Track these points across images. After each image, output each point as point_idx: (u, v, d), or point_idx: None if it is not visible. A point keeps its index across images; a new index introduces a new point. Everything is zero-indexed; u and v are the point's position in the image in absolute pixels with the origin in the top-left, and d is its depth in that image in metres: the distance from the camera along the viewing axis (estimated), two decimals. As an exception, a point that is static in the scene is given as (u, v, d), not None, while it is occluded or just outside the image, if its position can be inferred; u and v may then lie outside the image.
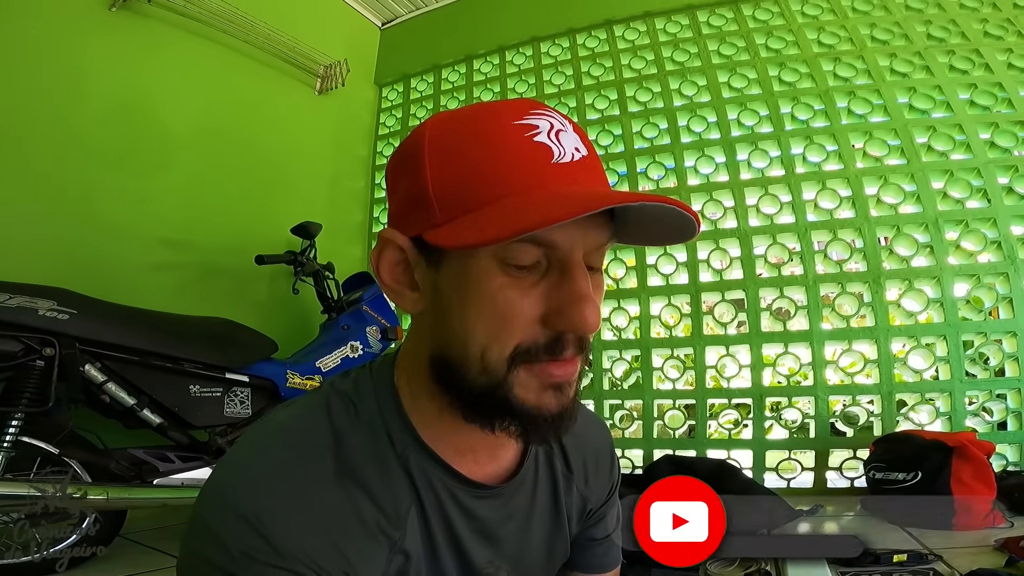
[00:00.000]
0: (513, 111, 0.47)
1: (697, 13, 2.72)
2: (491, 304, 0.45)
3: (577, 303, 0.44)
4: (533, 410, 0.46)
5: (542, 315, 0.45)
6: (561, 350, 0.46)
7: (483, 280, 0.45)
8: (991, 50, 2.26)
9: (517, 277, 0.45)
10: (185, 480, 1.53)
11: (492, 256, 0.44)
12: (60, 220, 1.89)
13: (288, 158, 2.76)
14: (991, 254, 2.03)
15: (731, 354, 2.25)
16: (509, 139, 0.45)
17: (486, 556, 0.56)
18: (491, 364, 0.45)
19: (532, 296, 0.45)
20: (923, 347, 2.02)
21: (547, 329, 0.45)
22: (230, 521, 0.42)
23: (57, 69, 1.93)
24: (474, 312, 0.45)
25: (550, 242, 0.44)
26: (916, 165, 2.16)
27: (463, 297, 0.46)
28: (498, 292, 0.45)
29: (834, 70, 2.42)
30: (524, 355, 0.45)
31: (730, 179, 2.41)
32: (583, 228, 0.46)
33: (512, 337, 0.45)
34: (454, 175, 0.45)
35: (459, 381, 0.47)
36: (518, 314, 0.45)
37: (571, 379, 0.48)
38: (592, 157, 0.48)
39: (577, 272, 0.45)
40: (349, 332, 2.08)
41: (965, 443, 1.61)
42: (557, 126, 0.47)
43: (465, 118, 0.48)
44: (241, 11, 2.46)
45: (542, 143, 0.45)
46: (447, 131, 0.47)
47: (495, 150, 0.45)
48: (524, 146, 0.45)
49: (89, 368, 1.40)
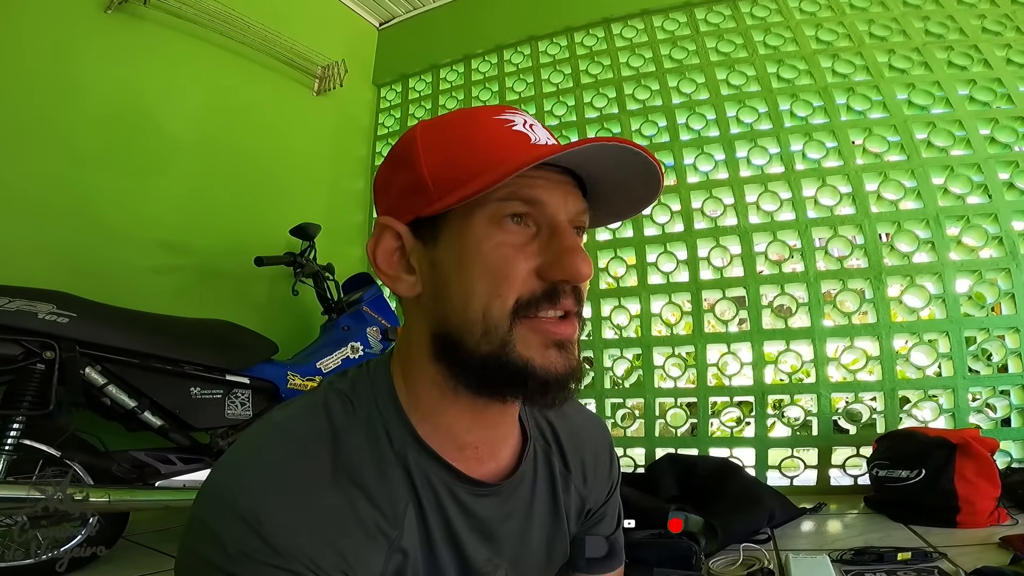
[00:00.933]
0: (491, 110, 0.53)
1: (695, 10, 2.72)
2: (489, 261, 0.48)
3: (569, 253, 0.49)
4: (540, 370, 0.49)
5: (537, 268, 0.49)
6: (558, 299, 0.49)
7: (481, 240, 0.49)
8: (989, 46, 2.26)
9: (512, 234, 0.49)
10: (187, 482, 1.53)
11: (486, 218, 0.49)
12: (58, 224, 1.88)
13: (286, 159, 2.76)
14: (993, 250, 2.02)
15: (733, 352, 2.24)
16: (490, 128, 0.52)
17: (484, 554, 0.56)
18: (493, 322, 0.48)
19: (527, 252, 0.49)
20: (925, 343, 2.02)
21: (543, 281, 0.49)
22: (228, 521, 0.43)
23: (53, 72, 1.92)
24: (474, 272, 0.49)
25: (536, 201, 0.49)
26: (916, 161, 2.16)
27: (463, 260, 0.49)
28: (495, 250, 0.48)
29: (832, 66, 2.41)
30: (524, 308, 0.48)
31: (730, 176, 2.41)
32: (563, 195, 0.51)
33: (511, 291, 0.48)
34: (446, 160, 0.50)
35: (463, 351, 0.50)
36: (515, 268, 0.48)
37: (572, 338, 0.51)
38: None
39: (566, 230, 0.50)
40: (349, 333, 2.08)
41: (969, 440, 1.60)
42: (530, 121, 0.54)
43: (449, 118, 0.54)
44: (238, 12, 2.45)
45: (520, 131, 0.52)
46: (435, 128, 0.53)
47: (479, 136, 0.51)
48: (504, 132, 0.51)
49: (89, 371, 1.40)
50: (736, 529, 1.54)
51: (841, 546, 1.41)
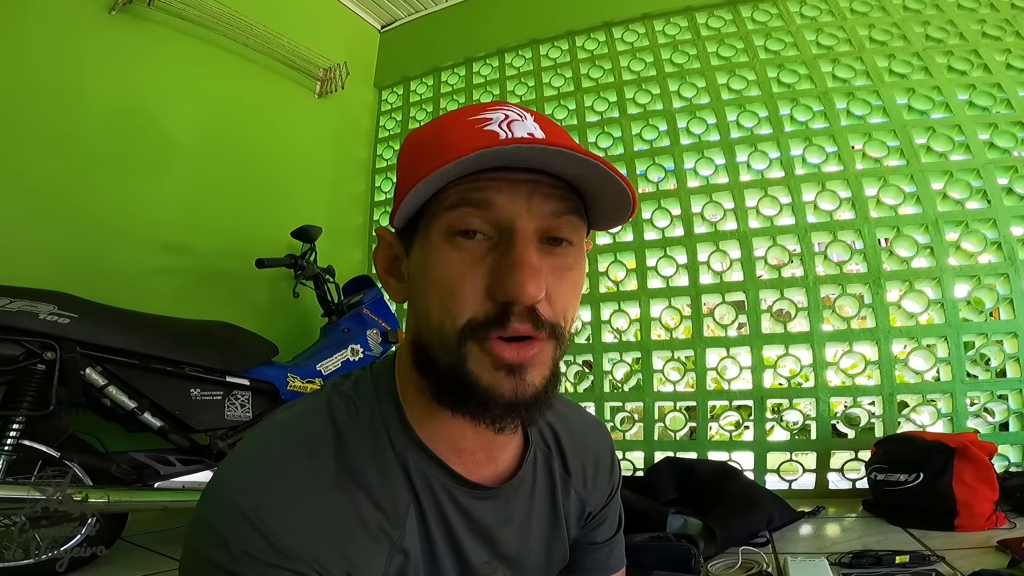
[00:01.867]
0: (473, 109, 0.50)
1: (696, 15, 2.73)
2: (441, 277, 0.47)
3: (512, 270, 0.44)
4: (485, 389, 0.46)
5: (486, 287, 0.45)
6: (507, 321, 0.45)
7: (434, 255, 0.47)
8: (989, 51, 2.27)
9: (465, 250, 0.46)
10: (186, 483, 1.53)
11: (441, 231, 0.47)
12: (60, 224, 1.89)
13: (288, 161, 2.76)
14: (991, 255, 2.02)
15: (732, 356, 2.25)
16: (458, 130, 0.47)
17: (484, 557, 0.56)
18: (446, 338, 0.47)
19: (478, 268, 0.46)
20: (924, 348, 2.02)
21: (492, 302, 0.45)
22: (232, 521, 0.43)
23: (57, 72, 1.93)
24: (431, 288, 0.47)
25: (489, 203, 0.45)
26: (916, 166, 2.16)
27: (423, 275, 0.48)
28: (447, 266, 0.46)
29: (833, 71, 2.42)
30: (474, 330, 0.46)
31: (730, 181, 2.41)
32: (526, 197, 0.46)
33: (462, 311, 0.46)
34: (410, 167, 0.49)
35: (430, 361, 0.49)
36: (464, 286, 0.46)
37: (525, 361, 0.46)
38: (550, 139, 0.47)
39: (519, 241, 0.45)
40: (349, 335, 2.08)
41: (967, 444, 1.60)
42: (512, 117, 0.48)
43: (430, 124, 0.52)
44: (241, 14, 2.46)
45: (489, 131, 0.46)
46: (414, 136, 0.53)
47: (444, 141, 0.47)
48: (469, 134, 0.46)
49: (90, 372, 1.40)
50: (735, 532, 1.54)
51: (839, 549, 1.41)
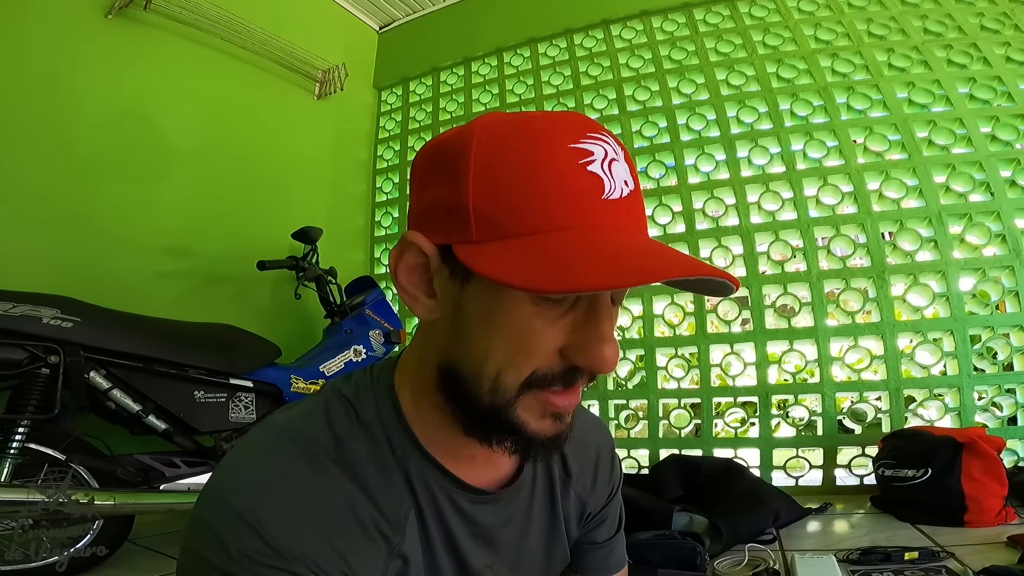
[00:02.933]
0: (570, 132, 0.44)
1: (694, 11, 2.73)
2: (515, 331, 0.45)
3: (599, 344, 0.45)
4: (531, 433, 0.47)
5: (562, 347, 0.45)
6: (574, 382, 0.47)
7: (512, 307, 0.44)
8: (989, 44, 2.26)
9: (546, 308, 0.45)
10: (191, 485, 1.54)
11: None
12: (61, 229, 1.88)
13: (288, 163, 2.76)
14: (996, 247, 2.02)
15: (736, 352, 2.24)
16: (561, 165, 0.43)
17: (484, 561, 0.56)
18: (503, 386, 0.46)
19: (557, 328, 0.45)
20: (930, 342, 2.01)
21: (564, 360, 0.46)
22: (229, 522, 0.43)
23: (54, 76, 1.93)
24: (497, 335, 0.45)
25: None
26: (917, 159, 2.16)
27: (487, 318, 0.45)
28: (525, 321, 0.44)
29: (832, 66, 2.42)
30: (538, 381, 0.46)
31: (731, 176, 2.41)
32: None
33: (530, 364, 0.45)
34: (499, 194, 0.43)
35: (466, 396, 0.48)
36: (541, 344, 0.45)
37: (572, 409, 0.49)
38: (637, 191, 0.47)
39: (605, 313, 0.46)
40: (352, 336, 2.08)
41: (975, 439, 1.59)
42: (611, 155, 0.45)
43: (519, 131, 0.45)
44: (238, 17, 2.46)
45: (594, 174, 0.43)
46: (498, 143, 0.44)
47: (546, 175, 0.42)
48: (576, 176, 0.43)
49: (94, 375, 1.40)
50: (741, 530, 1.53)
51: (847, 546, 1.40)
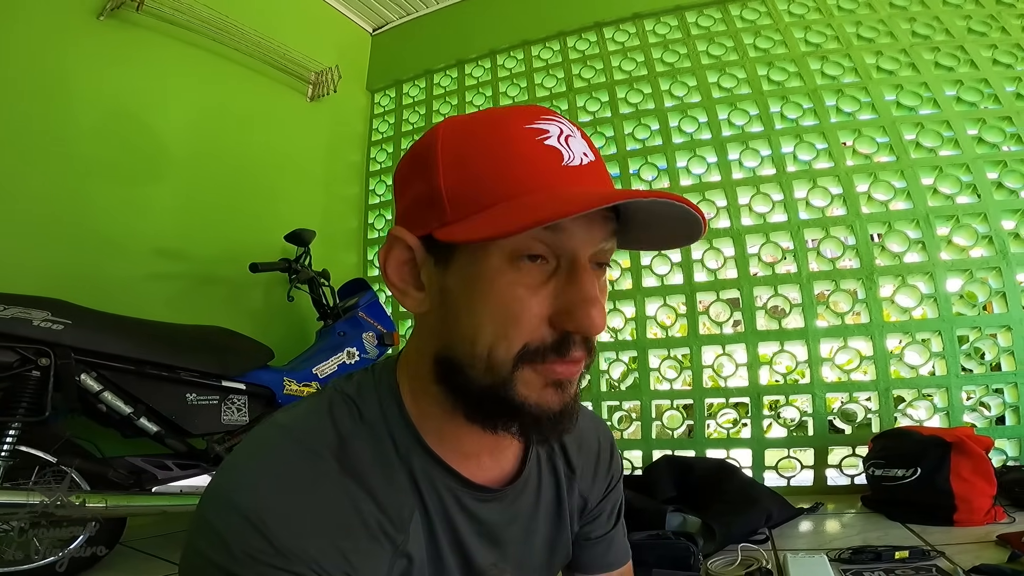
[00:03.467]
0: (524, 116, 0.48)
1: (685, 14, 2.75)
2: (500, 301, 0.45)
3: (584, 305, 0.45)
4: (535, 408, 0.47)
5: (550, 315, 0.46)
6: (567, 350, 0.46)
7: (493, 277, 0.45)
8: (975, 47, 2.29)
9: (526, 274, 0.45)
10: (183, 487, 1.52)
11: (502, 253, 0.45)
12: (52, 231, 1.87)
13: (281, 165, 2.76)
14: (983, 249, 2.04)
15: (728, 353, 2.25)
16: (520, 142, 0.46)
17: (490, 559, 0.56)
18: (497, 362, 0.46)
19: (541, 295, 0.46)
20: (919, 343, 2.03)
21: (554, 329, 0.46)
22: (233, 521, 0.42)
23: (45, 79, 1.92)
24: (483, 309, 0.46)
25: (560, 228, 0.45)
26: (905, 162, 2.18)
27: (472, 295, 0.46)
28: (507, 289, 0.45)
29: (822, 68, 2.44)
30: (531, 355, 0.46)
31: (722, 179, 2.42)
32: (588, 228, 0.46)
33: (520, 336, 0.45)
34: (467, 175, 0.46)
35: (463, 380, 0.48)
36: (527, 312, 0.45)
37: (574, 377, 0.49)
38: (599, 163, 0.50)
39: (585, 274, 0.46)
40: (345, 338, 2.07)
41: (963, 438, 1.61)
42: (566, 132, 0.48)
43: (478, 122, 0.49)
44: (231, 19, 2.46)
45: (552, 147, 0.46)
46: (460, 134, 0.48)
47: (507, 151, 0.46)
48: (535, 149, 0.46)
49: (85, 377, 1.39)
50: (734, 530, 1.54)
51: (839, 545, 1.41)
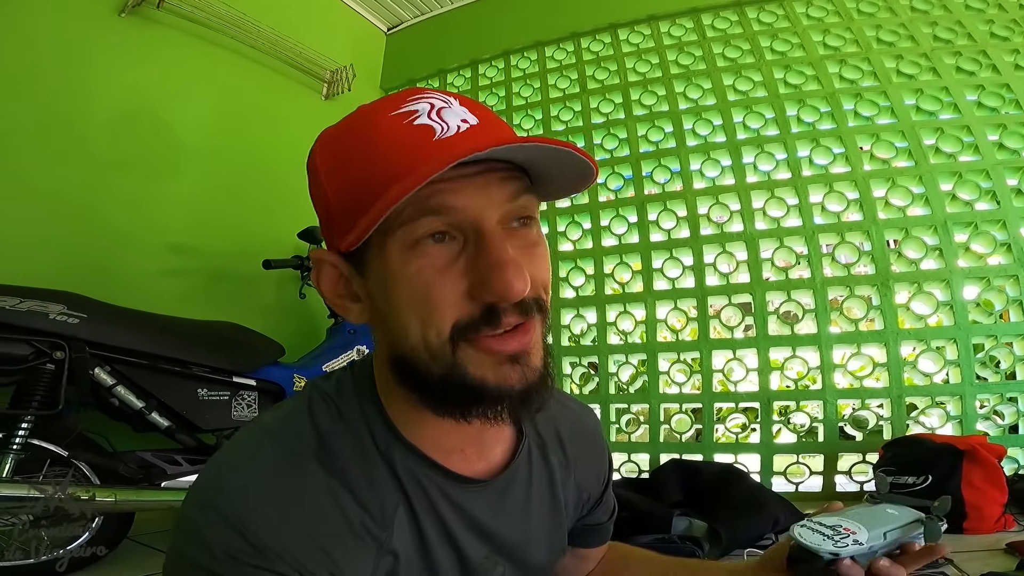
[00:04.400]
0: (391, 103, 0.47)
1: (701, 16, 2.73)
2: (411, 290, 0.45)
3: (497, 269, 0.43)
4: (494, 388, 0.46)
5: (467, 289, 0.45)
6: (498, 320, 0.45)
7: (400, 270, 0.45)
8: (998, 51, 2.25)
9: (433, 255, 0.45)
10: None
11: (400, 245, 0.45)
12: (69, 226, 1.90)
13: (295, 163, 2.73)
14: (1001, 256, 2.01)
15: (738, 358, 2.23)
16: (386, 131, 0.45)
17: (482, 552, 0.56)
18: (435, 349, 0.46)
19: (452, 273, 0.45)
20: (933, 350, 2.00)
21: (475, 303, 0.45)
22: (214, 521, 0.43)
23: (66, 74, 1.95)
24: (402, 304, 0.46)
25: (449, 208, 0.44)
26: (924, 167, 2.15)
27: (389, 294, 0.46)
28: (415, 277, 0.45)
29: (840, 72, 2.41)
30: (463, 331, 0.45)
31: (736, 182, 2.40)
32: (484, 190, 0.45)
33: (444, 318, 0.45)
34: (344, 181, 0.46)
35: (419, 376, 0.48)
36: (440, 294, 0.45)
37: (527, 349, 0.47)
38: (484, 124, 0.47)
39: (491, 239, 0.44)
40: (355, 336, 2.09)
41: (976, 447, 1.59)
42: (439, 105, 0.47)
43: (346, 125, 0.49)
44: (249, 17, 2.48)
45: (422, 125, 0.45)
46: (331, 143, 0.49)
47: (374, 145, 0.45)
48: (403, 132, 0.45)
49: (98, 371, 1.41)
50: (740, 534, 1.53)
51: (847, 553, 1.40)
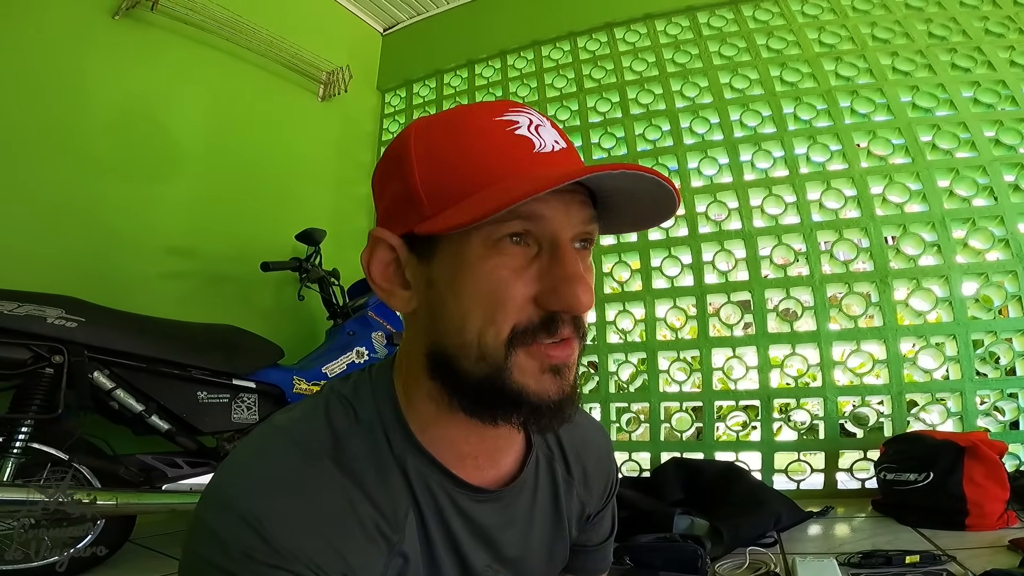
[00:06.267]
0: (493, 110, 0.49)
1: (697, 15, 2.73)
2: (485, 285, 0.46)
3: (569, 282, 0.46)
4: (534, 396, 0.47)
5: (535, 295, 0.46)
6: (556, 329, 0.46)
7: (476, 263, 0.46)
8: (993, 48, 2.26)
9: (509, 257, 0.46)
10: (194, 486, 1.54)
11: (483, 239, 0.46)
12: (66, 229, 1.90)
13: (292, 165, 2.77)
14: (999, 252, 2.01)
15: (738, 356, 2.24)
16: (491, 133, 0.47)
17: (485, 560, 0.56)
18: (489, 348, 0.46)
19: (525, 277, 0.46)
20: (932, 347, 2.01)
21: (541, 309, 0.46)
22: (230, 522, 0.43)
23: (61, 77, 1.94)
24: (469, 296, 0.46)
25: (537, 217, 0.46)
26: (921, 164, 2.15)
27: (457, 283, 0.47)
28: (491, 273, 0.46)
29: (836, 70, 2.42)
30: (521, 336, 0.46)
31: (734, 180, 2.41)
32: (566, 208, 0.47)
33: (507, 318, 0.46)
34: (441, 170, 0.47)
35: (458, 372, 0.48)
36: (512, 294, 0.46)
37: (569, 361, 0.49)
38: (571, 150, 0.50)
39: (567, 252, 0.47)
40: (355, 338, 2.08)
41: (977, 443, 1.59)
42: (536, 121, 0.49)
43: (447, 119, 0.50)
44: (243, 18, 2.48)
45: (523, 136, 0.47)
46: (431, 131, 0.49)
47: (478, 143, 0.47)
48: (506, 139, 0.47)
49: (98, 375, 1.40)
50: (742, 532, 1.53)
51: (849, 549, 1.40)
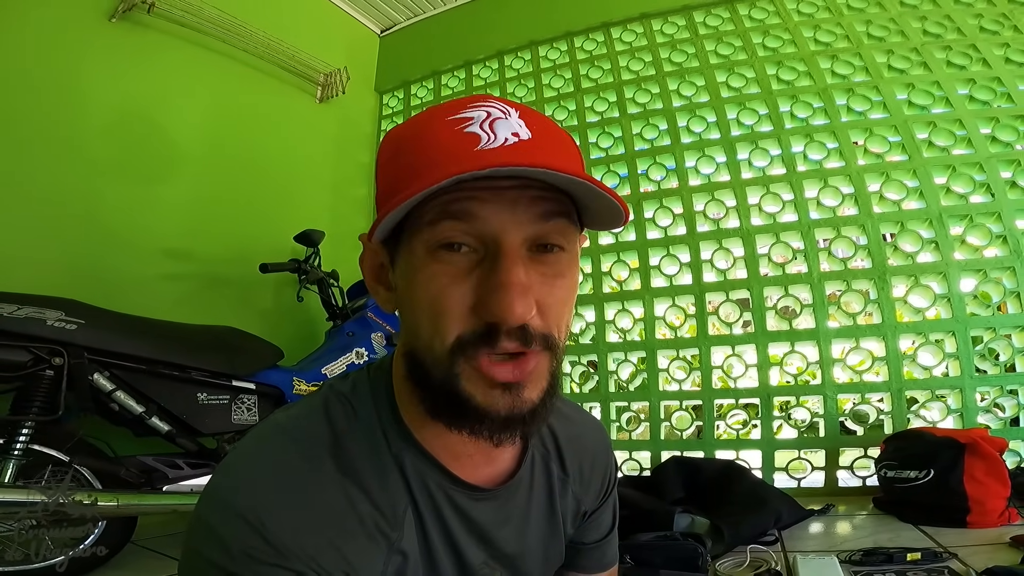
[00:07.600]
0: (452, 107, 0.47)
1: (693, 14, 2.74)
2: (430, 293, 0.45)
3: (499, 291, 0.42)
4: (480, 408, 0.45)
5: (472, 304, 0.44)
6: (495, 341, 0.44)
7: (420, 269, 0.46)
8: (988, 45, 2.26)
9: (450, 264, 0.44)
10: (194, 486, 1.54)
11: (424, 245, 0.45)
12: (65, 231, 1.90)
13: (290, 166, 2.77)
14: (997, 248, 2.02)
15: (737, 354, 2.24)
16: (436, 133, 0.45)
17: (481, 557, 0.56)
18: (437, 356, 0.46)
19: (464, 284, 0.44)
20: (932, 343, 2.01)
21: (480, 319, 0.44)
22: (230, 521, 0.43)
23: (58, 80, 1.94)
24: (419, 304, 0.46)
25: (471, 216, 0.43)
26: (918, 161, 2.16)
27: (411, 290, 0.47)
28: (430, 281, 0.45)
29: (832, 67, 2.42)
30: (464, 347, 0.45)
31: (731, 178, 2.41)
32: (511, 206, 0.44)
33: (450, 328, 0.45)
34: (389, 176, 0.48)
35: (423, 374, 0.48)
36: (449, 303, 0.44)
37: (521, 380, 0.45)
38: (536, 140, 0.46)
39: (506, 257, 0.43)
40: (354, 339, 2.08)
41: (977, 440, 1.59)
42: (495, 115, 0.46)
43: (412, 122, 0.50)
44: (241, 20, 2.48)
45: (471, 133, 0.44)
46: (393, 138, 0.50)
47: (422, 145, 0.46)
48: (450, 137, 0.45)
49: (98, 377, 1.41)
50: (743, 531, 1.53)
51: (850, 547, 1.40)
